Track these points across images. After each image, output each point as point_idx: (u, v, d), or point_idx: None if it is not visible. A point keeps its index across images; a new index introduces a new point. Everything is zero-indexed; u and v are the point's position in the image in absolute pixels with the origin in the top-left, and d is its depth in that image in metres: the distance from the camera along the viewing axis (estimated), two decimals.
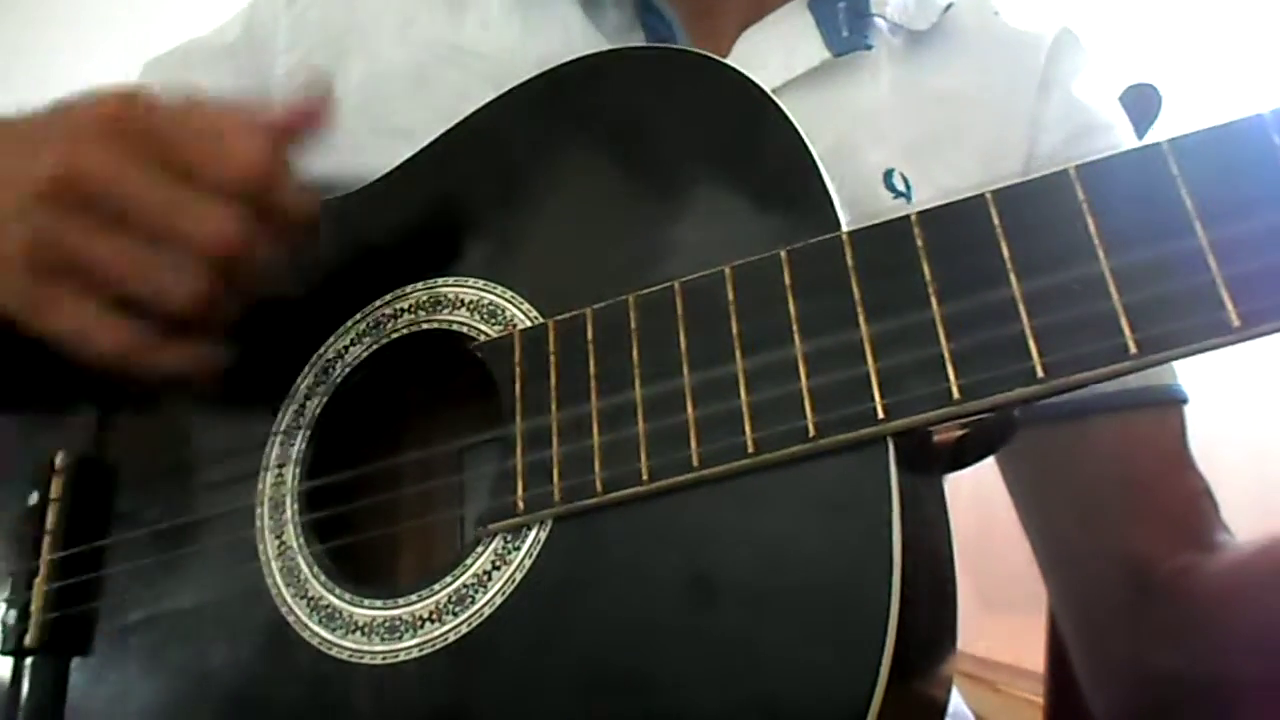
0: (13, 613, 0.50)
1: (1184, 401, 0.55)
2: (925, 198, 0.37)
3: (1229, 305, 0.30)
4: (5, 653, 0.49)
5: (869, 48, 0.53)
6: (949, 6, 0.56)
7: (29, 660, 0.49)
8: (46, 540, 0.51)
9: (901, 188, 0.51)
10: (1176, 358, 0.31)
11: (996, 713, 1.20)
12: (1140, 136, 0.65)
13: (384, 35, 0.54)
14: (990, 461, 0.51)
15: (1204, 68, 1.20)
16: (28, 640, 0.49)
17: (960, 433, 0.36)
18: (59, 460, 0.52)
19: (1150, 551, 0.52)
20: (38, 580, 0.50)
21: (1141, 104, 0.69)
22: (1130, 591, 0.52)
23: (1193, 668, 0.49)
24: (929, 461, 0.36)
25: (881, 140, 0.52)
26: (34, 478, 0.53)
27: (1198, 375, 0.55)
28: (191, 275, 0.38)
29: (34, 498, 0.53)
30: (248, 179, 0.38)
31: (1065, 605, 0.58)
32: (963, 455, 0.37)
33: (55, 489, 0.52)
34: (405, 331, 0.45)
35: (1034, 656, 0.77)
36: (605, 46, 0.47)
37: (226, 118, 0.39)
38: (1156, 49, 1.25)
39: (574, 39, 0.52)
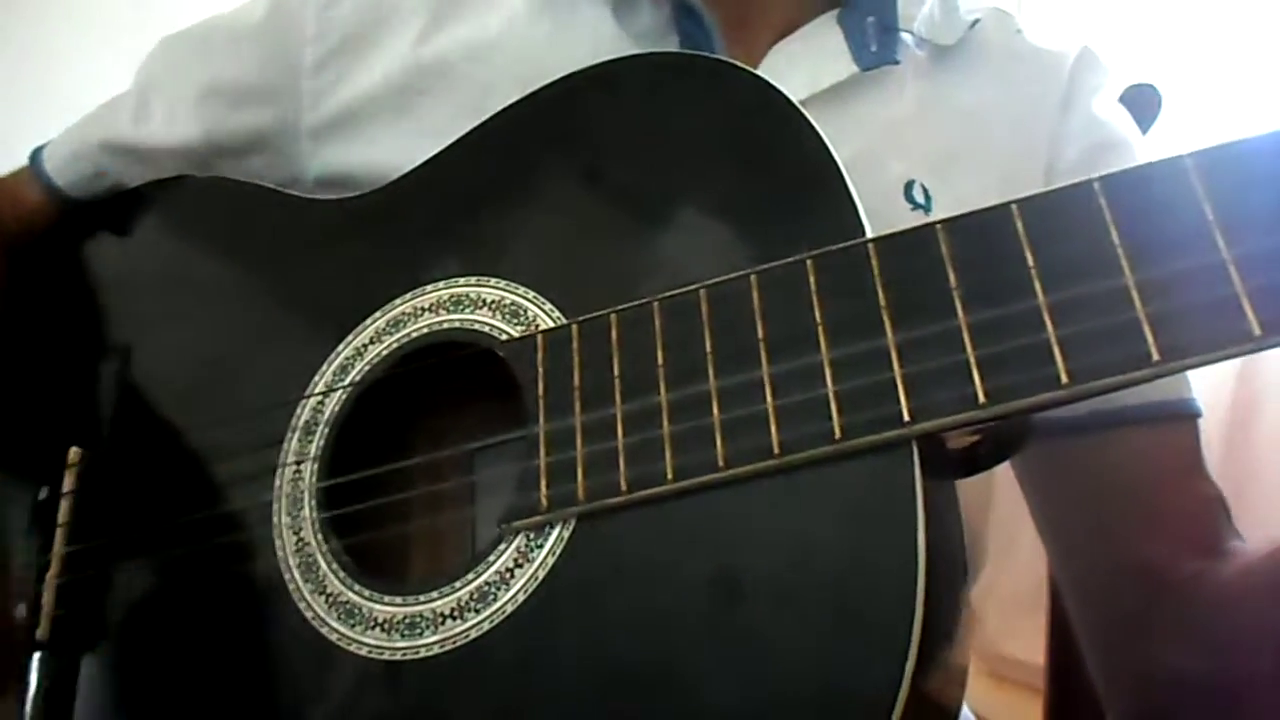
0: (23, 607, 0.50)
1: (1198, 415, 0.55)
2: (946, 209, 0.37)
3: (1250, 315, 0.30)
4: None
5: (896, 63, 0.53)
6: (975, 23, 0.56)
7: (38, 654, 0.49)
8: (59, 535, 0.51)
9: (921, 199, 0.51)
10: (1197, 365, 0.32)
11: (996, 708, 1.21)
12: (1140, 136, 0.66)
13: (412, 30, 0.54)
14: None
15: (1204, 68, 1.20)
16: (38, 634, 0.49)
17: (975, 438, 0.37)
18: (72, 454, 0.52)
19: (1162, 560, 0.52)
20: (49, 575, 0.50)
21: (1141, 104, 0.69)
22: (1141, 600, 0.53)
23: (1198, 668, 0.50)
24: (947, 466, 0.36)
25: (904, 152, 0.52)
26: (45, 472, 0.53)
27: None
28: None
29: (44, 492, 0.53)
30: None
31: (1080, 614, 0.58)
32: (977, 460, 0.38)
33: (68, 483, 0.52)
34: (426, 330, 0.45)
35: (1034, 652, 0.78)
36: (633, 50, 0.46)
37: None
38: (1156, 49, 1.26)
39: (602, 41, 0.52)
